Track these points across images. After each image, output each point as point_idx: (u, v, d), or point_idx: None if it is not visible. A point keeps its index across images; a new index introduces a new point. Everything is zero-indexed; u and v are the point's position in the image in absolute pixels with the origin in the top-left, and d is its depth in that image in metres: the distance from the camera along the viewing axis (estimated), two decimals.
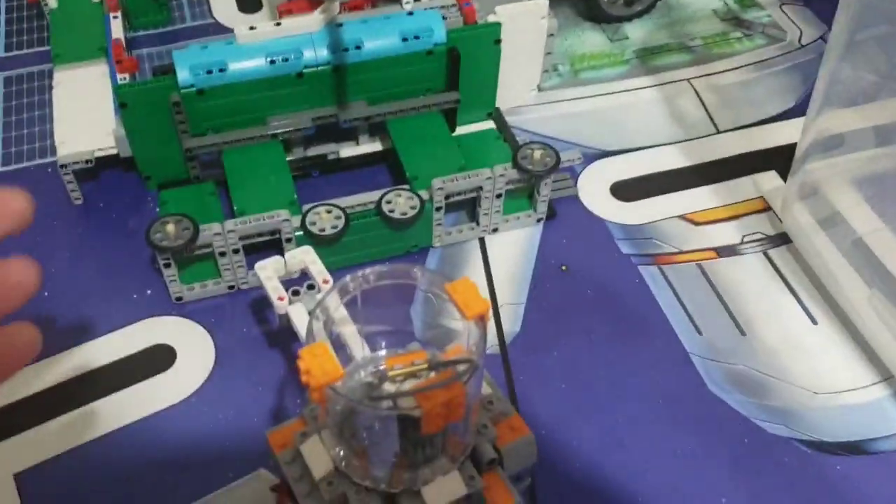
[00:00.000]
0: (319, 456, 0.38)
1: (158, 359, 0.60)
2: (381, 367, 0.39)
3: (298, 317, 0.51)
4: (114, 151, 0.68)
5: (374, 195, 0.64)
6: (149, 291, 0.64)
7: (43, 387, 0.58)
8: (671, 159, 0.74)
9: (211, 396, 0.57)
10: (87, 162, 0.67)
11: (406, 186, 0.64)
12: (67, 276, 0.65)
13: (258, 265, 0.50)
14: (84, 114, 0.69)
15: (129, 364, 0.59)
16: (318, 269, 0.51)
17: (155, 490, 0.52)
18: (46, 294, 0.63)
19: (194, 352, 0.60)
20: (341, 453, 0.38)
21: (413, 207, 0.62)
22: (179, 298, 0.62)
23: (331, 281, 0.51)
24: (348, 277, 0.38)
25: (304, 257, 0.52)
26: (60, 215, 0.69)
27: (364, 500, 0.37)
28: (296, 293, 0.53)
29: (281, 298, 0.50)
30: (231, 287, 0.63)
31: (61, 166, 0.67)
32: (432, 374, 0.36)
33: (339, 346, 0.43)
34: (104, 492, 0.53)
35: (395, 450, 0.37)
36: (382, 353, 0.41)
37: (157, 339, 0.61)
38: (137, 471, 0.54)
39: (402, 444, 0.37)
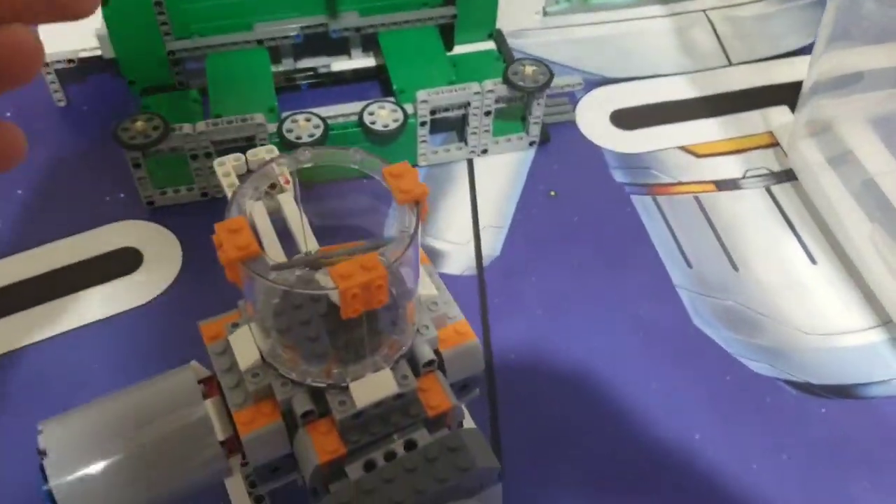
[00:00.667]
0: (247, 347, 0.36)
1: (125, 261, 0.58)
2: (313, 254, 0.36)
3: (259, 217, 0.48)
4: (98, 52, 0.66)
5: (356, 106, 0.61)
6: (122, 195, 0.62)
7: (6, 282, 0.56)
8: (677, 89, 0.70)
9: (174, 301, 0.56)
10: (69, 62, 0.66)
11: (391, 99, 0.62)
12: (43, 175, 0.63)
13: (216, 161, 0.48)
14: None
15: (94, 265, 0.58)
16: (280, 171, 0.49)
17: (104, 391, 0.51)
18: (19, 192, 0.62)
19: (161, 256, 0.58)
20: (269, 345, 0.36)
21: (396, 120, 0.59)
22: (151, 202, 0.60)
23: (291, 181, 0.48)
24: (284, 157, 0.36)
25: (267, 155, 0.49)
26: (42, 116, 0.68)
27: (289, 393, 0.35)
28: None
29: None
30: (204, 194, 0.61)
31: (44, 64, 0.65)
32: None
33: (286, 235, 0.41)
34: (60, 388, 0.51)
35: (318, 339, 0.35)
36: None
37: (125, 241, 0.59)
38: (94, 369, 0.52)
39: (322, 331, 0.35)
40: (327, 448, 0.35)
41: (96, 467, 0.36)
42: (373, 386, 0.35)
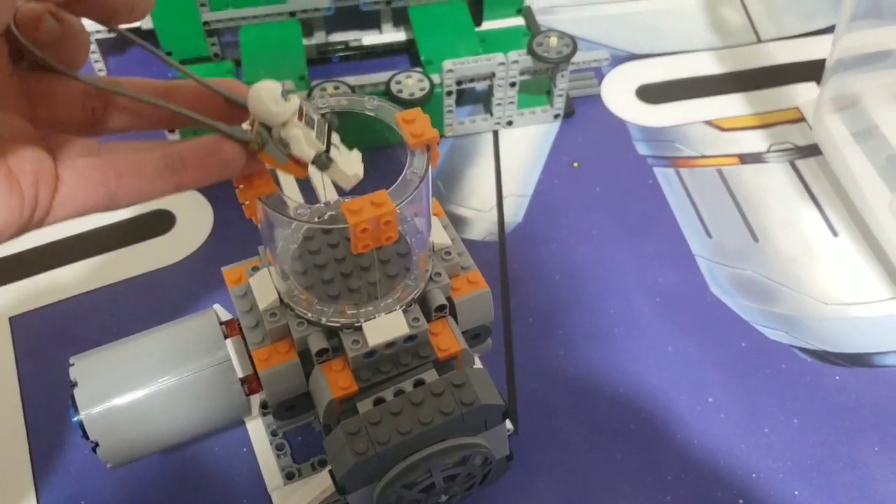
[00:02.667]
0: (266, 288, 0.38)
1: (158, 223, 0.60)
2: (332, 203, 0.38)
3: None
4: (137, 24, 0.68)
5: (384, 76, 0.62)
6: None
7: (49, 240, 0.59)
8: (705, 65, 0.70)
9: (205, 260, 0.58)
10: (108, 31, 0.68)
11: (419, 69, 0.63)
12: None
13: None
14: None
15: (130, 226, 0.60)
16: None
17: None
18: None
19: (193, 218, 0.60)
20: (287, 287, 0.38)
21: (422, 90, 0.61)
22: None
23: None
24: (304, 102, 0.37)
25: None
26: None
27: (305, 333, 0.37)
28: None
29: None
30: None
31: None
32: None
33: (307, 189, 0.42)
34: (90, 339, 0.53)
35: (332, 281, 0.36)
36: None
37: (159, 204, 0.61)
38: (126, 320, 0.54)
39: (337, 273, 0.36)
40: (340, 384, 0.36)
41: (123, 399, 0.38)
42: (385, 326, 0.36)
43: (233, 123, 0.33)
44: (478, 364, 0.45)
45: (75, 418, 0.38)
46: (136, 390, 0.38)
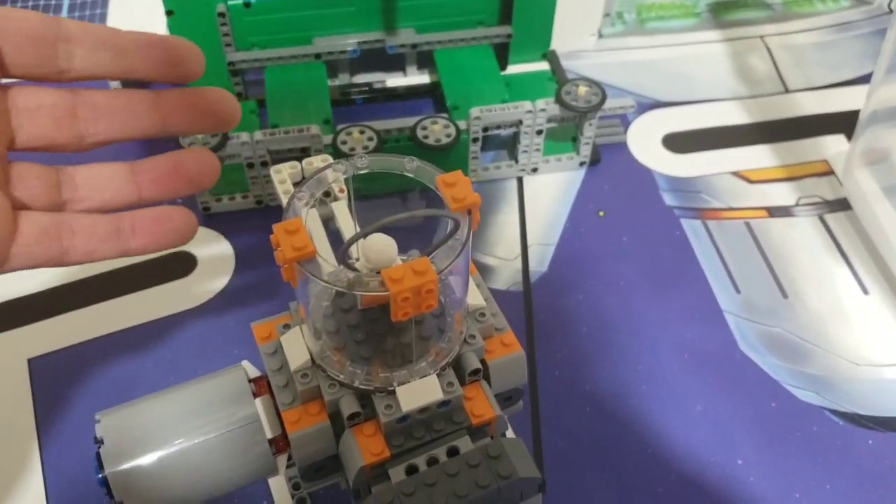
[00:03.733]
0: (298, 348, 0.37)
1: (180, 265, 0.60)
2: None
3: (313, 223, 0.49)
4: None
5: (410, 120, 0.62)
6: (179, 201, 0.63)
7: (68, 281, 0.58)
8: (731, 115, 0.70)
9: (226, 304, 0.57)
10: None
11: (445, 115, 0.63)
12: None
13: (273, 168, 0.49)
14: (135, 22, 0.69)
15: (149, 267, 0.59)
16: (335, 177, 0.50)
17: (157, 387, 0.52)
18: None
19: (215, 261, 0.59)
20: (319, 346, 0.37)
21: (448, 136, 0.60)
22: (207, 209, 0.62)
23: (346, 190, 0.49)
24: (341, 162, 0.37)
25: (322, 164, 0.50)
26: None
27: (337, 395, 0.36)
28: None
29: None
30: (259, 202, 0.62)
31: None
32: None
33: (339, 243, 0.42)
34: (109, 383, 0.53)
35: (365, 342, 0.35)
36: None
37: (181, 246, 0.60)
38: (148, 367, 0.54)
39: (371, 334, 0.35)
40: (372, 450, 0.35)
41: (149, 458, 0.37)
42: (419, 391, 0.36)
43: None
44: (509, 429, 0.44)
45: (100, 475, 0.37)
46: (162, 449, 0.37)
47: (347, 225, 0.41)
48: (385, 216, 0.44)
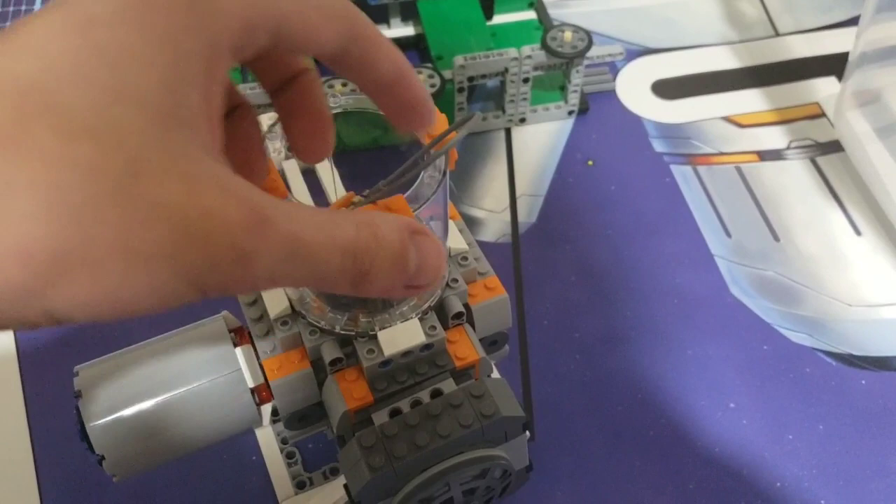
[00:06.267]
0: (276, 296, 0.37)
1: None
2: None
3: (291, 173, 0.49)
4: None
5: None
6: None
7: None
8: (721, 60, 0.69)
9: None
10: None
11: (429, 65, 0.62)
12: None
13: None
14: None
15: None
16: None
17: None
18: None
19: None
20: (298, 294, 0.36)
21: (433, 86, 0.59)
22: None
23: None
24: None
25: None
26: None
27: (317, 342, 0.36)
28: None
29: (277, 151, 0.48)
30: None
31: None
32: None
33: (319, 193, 0.41)
34: (95, 345, 0.52)
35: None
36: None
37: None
38: (130, 327, 0.53)
39: None
40: (355, 395, 0.35)
41: (129, 411, 0.36)
42: (401, 335, 0.35)
43: None
44: (495, 373, 0.43)
45: (79, 430, 0.36)
46: (143, 401, 0.36)
47: (326, 173, 0.40)
48: (367, 169, 0.43)
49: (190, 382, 0.37)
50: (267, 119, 0.45)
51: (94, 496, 0.46)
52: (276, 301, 0.36)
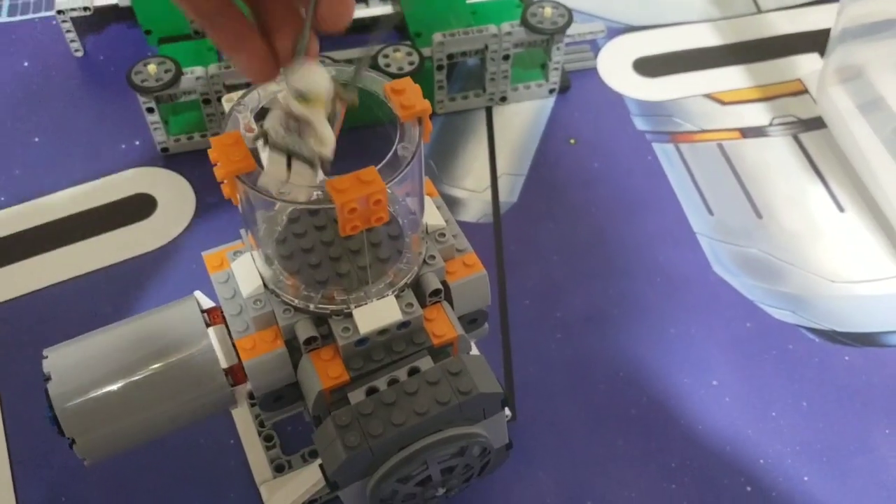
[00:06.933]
0: (249, 274, 0.36)
1: (139, 207, 0.58)
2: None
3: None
4: (114, 0, 0.65)
5: (371, 49, 0.60)
6: (137, 142, 0.62)
7: (24, 227, 0.56)
8: (703, 37, 0.68)
9: (188, 246, 0.55)
10: (85, 9, 0.65)
11: (408, 42, 0.61)
12: (59, 123, 0.63)
13: (226, 97, 0.47)
14: None
15: (109, 211, 0.58)
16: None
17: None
18: (36, 139, 0.62)
19: (175, 203, 0.58)
20: (271, 272, 0.35)
21: (412, 63, 0.58)
22: (165, 149, 0.60)
23: None
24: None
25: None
26: (59, 66, 0.67)
27: (291, 320, 0.35)
28: None
29: (249, 130, 0.47)
30: None
31: (58, 12, 0.65)
32: None
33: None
34: (69, 331, 0.51)
35: (320, 265, 0.34)
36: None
37: (140, 188, 0.59)
38: (107, 311, 0.52)
39: (325, 258, 0.34)
40: (331, 374, 0.34)
41: (100, 392, 0.35)
42: (377, 313, 0.34)
43: None
44: (474, 350, 0.42)
45: (49, 414, 0.35)
46: (113, 383, 0.36)
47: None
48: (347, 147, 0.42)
49: (161, 363, 0.36)
50: (234, 96, 0.44)
51: (69, 481, 0.45)
52: (248, 279, 0.36)
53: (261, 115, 0.35)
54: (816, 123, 0.61)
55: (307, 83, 0.30)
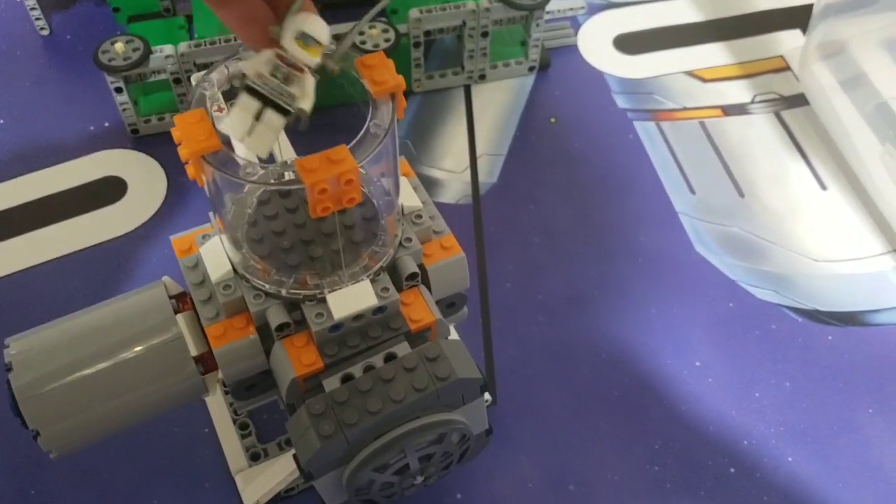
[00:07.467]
0: (218, 258, 0.35)
1: (109, 190, 0.56)
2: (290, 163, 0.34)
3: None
4: None
5: (345, 26, 0.58)
6: (106, 124, 0.60)
7: None
8: (685, 13, 0.67)
9: (160, 229, 0.54)
10: None
11: (383, 19, 0.59)
12: (26, 104, 0.61)
13: (195, 76, 0.45)
14: None
15: (79, 193, 0.56)
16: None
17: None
18: (2, 121, 0.60)
19: (146, 185, 0.56)
20: (241, 256, 0.34)
21: (388, 40, 0.57)
22: (135, 131, 0.58)
23: None
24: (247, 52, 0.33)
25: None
26: (24, 45, 0.65)
27: (263, 306, 0.34)
28: None
29: (219, 110, 0.46)
30: None
31: None
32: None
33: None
34: (36, 318, 0.50)
35: (292, 249, 0.33)
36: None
37: (110, 170, 0.57)
38: (77, 297, 0.51)
39: (297, 241, 0.33)
40: (304, 361, 0.33)
41: (64, 382, 0.34)
42: (351, 298, 0.33)
43: None
44: (453, 335, 0.42)
45: (11, 405, 0.34)
46: (78, 371, 0.34)
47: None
48: (319, 126, 0.41)
49: (128, 351, 0.35)
50: (201, 74, 0.43)
51: (38, 475, 0.43)
52: (217, 264, 0.35)
53: (229, 93, 0.34)
54: (799, 100, 0.61)
55: (312, 27, 0.28)
